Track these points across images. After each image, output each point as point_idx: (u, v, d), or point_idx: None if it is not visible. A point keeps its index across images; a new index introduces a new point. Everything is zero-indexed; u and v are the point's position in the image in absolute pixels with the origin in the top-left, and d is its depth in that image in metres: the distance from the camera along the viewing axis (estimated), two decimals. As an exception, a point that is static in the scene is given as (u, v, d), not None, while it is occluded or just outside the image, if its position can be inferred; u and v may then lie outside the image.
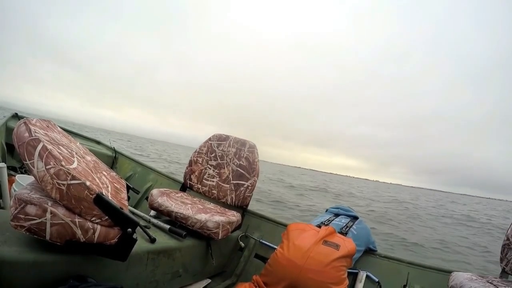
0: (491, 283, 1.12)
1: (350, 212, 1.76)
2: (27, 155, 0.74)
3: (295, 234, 1.44)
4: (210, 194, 1.89)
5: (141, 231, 1.15)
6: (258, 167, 1.85)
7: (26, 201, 0.72)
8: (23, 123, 0.82)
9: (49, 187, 0.73)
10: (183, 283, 1.37)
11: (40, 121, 0.95)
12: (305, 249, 1.33)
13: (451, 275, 1.25)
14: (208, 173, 1.95)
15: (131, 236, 0.86)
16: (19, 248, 0.74)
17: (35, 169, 0.73)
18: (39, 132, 0.81)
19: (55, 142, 0.86)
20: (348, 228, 1.57)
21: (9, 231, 0.78)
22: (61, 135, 1.03)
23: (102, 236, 0.81)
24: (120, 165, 2.93)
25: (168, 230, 1.32)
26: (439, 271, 1.48)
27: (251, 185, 1.80)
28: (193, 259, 1.40)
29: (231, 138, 1.98)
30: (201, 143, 2.04)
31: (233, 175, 1.87)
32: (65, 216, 0.74)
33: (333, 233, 1.44)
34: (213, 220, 1.39)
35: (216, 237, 1.41)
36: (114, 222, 0.83)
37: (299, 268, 1.27)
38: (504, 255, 1.33)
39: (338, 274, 1.28)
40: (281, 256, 1.36)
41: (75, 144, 1.12)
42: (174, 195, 1.65)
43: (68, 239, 0.76)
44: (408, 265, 1.54)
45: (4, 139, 2.29)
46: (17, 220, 0.72)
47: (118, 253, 0.86)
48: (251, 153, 1.88)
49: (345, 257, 1.32)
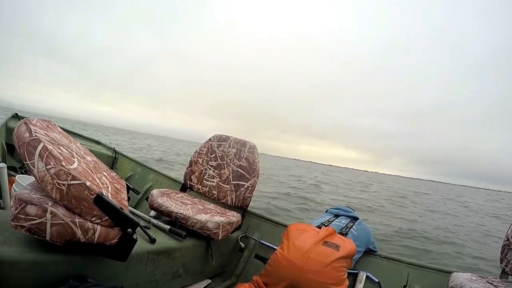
0: (491, 283, 1.12)
1: (350, 213, 1.76)
2: (27, 155, 0.74)
3: (295, 235, 1.44)
4: (210, 195, 1.89)
5: (141, 232, 1.16)
6: (258, 167, 1.85)
7: (26, 201, 0.72)
8: (24, 123, 0.82)
9: (49, 187, 0.73)
10: (183, 283, 1.37)
11: (41, 121, 0.95)
12: (305, 250, 1.33)
13: (451, 275, 1.25)
14: (208, 174, 1.95)
15: (131, 237, 0.86)
16: (19, 248, 0.74)
17: (36, 169, 0.73)
18: (40, 132, 0.81)
19: (56, 142, 0.86)
20: (348, 228, 1.57)
21: (9, 231, 0.78)
22: (61, 135, 1.03)
23: (102, 236, 0.81)
24: (120, 165, 2.94)
25: (168, 230, 1.32)
26: (439, 271, 1.48)
27: (251, 186, 1.80)
28: (193, 260, 1.40)
29: (231, 138, 1.98)
30: (201, 143, 2.04)
31: (233, 176, 1.87)
32: (65, 216, 0.74)
33: (333, 234, 1.44)
34: (213, 221, 1.39)
35: (216, 237, 1.41)
36: (114, 222, 0.83)
37: (299, 269, 1.27)
38: (504, 256, 1.33)
39: (338, 274, 1.28)
40: (281, 257, 1.36)
41: (75, 144, 1.12)
42: (174, 195, 1.65)
43: (68, 239, 0.76)
44: (408, 266, 1.54)
45: (4, 139, 2.30)
46: (17, 220, 0.72)
47: (118, 254, 0.86)
48: (251, 153, 1.88)
49: (345, 258, 1.32)
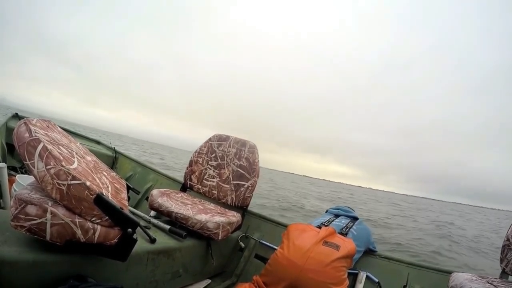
0: (491, 283, 1.12)
1: (350, 213, 1.76)
2: (27, 155, 0.74)
3: (295, 235, 1.44)
4: (211, 195, 1.89)
5: (141, 231, 1.16)
6: (259, 167, 1.85)
7: (27, 201, 0.72)
8: (24, 123, 0.82)
9: (50, 187, 0.73)
10: (183, 283, 1.37)
11: (41, 121, 0.95)
12: (305, 250, 1.33)
13: (451, 275, 1.25)
14: (208, 174, 1.95)
15: (131, 236, 0.86)
16: (19, 248, 0.74)
17: (36, 169, 0.73)
18: (39, 132, 0.81)
19: (55, 142, 0.86)
20: (348, 228, 1.57)
21: (9, 231, 0.78)
22: (61, 135, 1.03)
23: (102, 236, 0.81)
24: (120, 165, 2.94)
25: (168, 230, 1.32)
26: (439, 271, 1.48)
27: (252, 186, 1.80)
28: (193, 259, 1.40)
29: (231, 138, 1.98)
30: (201, 144, 2.04)
31: (234, 176, 1.87)
32: (65, 216, 0.74)
33: (333, 234, 1.44)
34: (213, 221, 1.39)
35: (216, 237, 1.41)
36: (114, 222, 0.83)
37: (299, 268, 1.27)
38: (504, 256, 1.33)
39: (338, 274, 1.28)
40: (281, 256, 1.36)
41: (75, 144, 1.12)
42: (174, 195, 1.65)
43: (68, 239, 0.75)
44: (408, 266, 1.54)
45: (4, 139, 2.29)
46: (18, 220, 0.72)
47: (118, 253, 0.86)
48: (252, 153, 1.88)
49: (345, 258, 1.32)
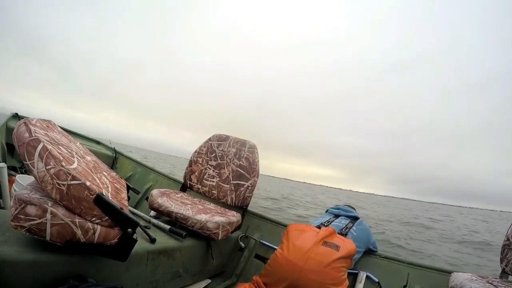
0: (491, 283, 1.12)
1: (350, 213, 1.76)
2: (27, 156, 0.74)
3: (295, 235, 1.44)
4: (210, 195, 1.89)
5: (141, 231, 1.16)
6: (258, 167, 1.85)
7: (26, 202, 0.72)
8: (23, 123, 0.82)
9: (49, 188, 0.73)
10: (183, 283, 1.37)
11: (40, 121, 0.95)
12: (305, 250, 1.32)
13: (451, 275, 1.25)
14: (208, 173, 1.95)
15: (131, 236, 0.86)
16: (19, 248, 0.74)
17: (35, 170, 0.73)
18: (39, 132, 0.81)
19: (55, 142, 0.86)
20: (348, 229, 1.57)
21: (9, 231, 0.78)
22: (61, 135, 1.03)
23: (102, 236, 0.81)
24: (120, 165, 2.94)
25: (168, 230, 1.32)
26: (439, 271, 1.48)
27: (251, 186, 1.80)
28: (193, 259, 1.40)
29: (231, 138, 1.98)
30: (201, 144, 2.04)
31: (233, 175, 1.87)
32: (65, 216, 0.74)
33: (333, 234, 1.44)
34: (213, 221, 1.39)
35: (216, 237, 1.41)
36: (114, 222, 0.83)
37: (299, 269, 1.27)
38: (504, 256, 1.33)
39: (338, 274, 1.28)
40: (281, 257, 1.35)
41: (75, 144, 1.12)
42: (174, 195, 1.65)
43: (68, 239, 0.75)
44: (408, 266, 1.54)
45: (4, 139, 2.29)
46: (17, 220, 0.72)
47: (118, 253, 0.86)
48: (251, 153, 1.88)
49: (345, 258, 1.32)
